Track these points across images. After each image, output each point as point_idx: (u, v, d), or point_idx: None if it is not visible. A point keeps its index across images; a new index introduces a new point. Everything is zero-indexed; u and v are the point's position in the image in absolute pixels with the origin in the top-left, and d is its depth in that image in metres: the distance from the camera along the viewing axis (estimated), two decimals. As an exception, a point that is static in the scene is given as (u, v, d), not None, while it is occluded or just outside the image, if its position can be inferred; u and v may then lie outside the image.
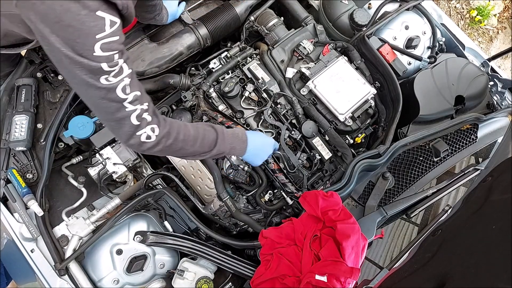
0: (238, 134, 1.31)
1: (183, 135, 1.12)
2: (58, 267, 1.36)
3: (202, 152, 1.20)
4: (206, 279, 1.40)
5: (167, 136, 1.08)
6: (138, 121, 1.00)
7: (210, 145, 1.21)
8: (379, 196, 1.57)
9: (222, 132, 1.24)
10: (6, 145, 1.48)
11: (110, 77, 0.90)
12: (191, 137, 1.14)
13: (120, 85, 0.93)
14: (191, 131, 1.15)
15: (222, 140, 1.23)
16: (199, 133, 1.17)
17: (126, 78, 0.94)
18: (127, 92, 0.95)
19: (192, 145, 1.15)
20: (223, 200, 1.47)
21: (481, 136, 1.71)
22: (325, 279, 1.16)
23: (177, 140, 1.11)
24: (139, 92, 0.99)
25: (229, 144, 1.26)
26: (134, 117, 0.98)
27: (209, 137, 1.20)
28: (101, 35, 0.85)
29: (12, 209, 1.42)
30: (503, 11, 3.79)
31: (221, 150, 1.24)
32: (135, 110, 0.98)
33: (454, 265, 0.73)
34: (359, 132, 1.67)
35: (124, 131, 1.01)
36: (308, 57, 1.70)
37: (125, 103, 0.96)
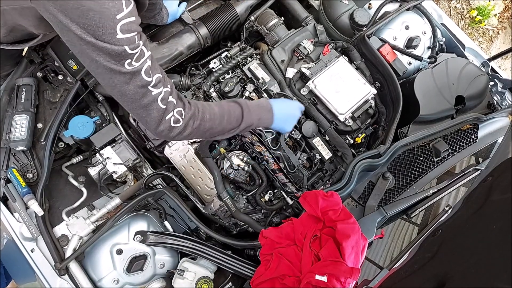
0: (263, 103, 1.30)
1: (208, 114, 1.12)
2: (58, 266, 1.36)
3: (231, 128, 1.20)
4: (206, 279, 1.40)
5: (194, 118, 1.08)
6: (164, 105, 1.01)
7: (238, 119, 1.20)
8: (379, 196, 1.57)
9: (246, 105, 1.23)
10: (6, 144, 1.48)
11: (133, 62, 0.92)
12: (217, 115, 1.14)
13: (143, 68, 0.95)
14: (216, 109, 1.15)
15: (248, 113, 1.22)
16: (224, 110, 1.17)
17: (148, 60, 0.96)
18: (151, 74, 0.96)
19: (219, 123, 1.15)
20: (223, 200, 1.47)
21: (482, 136, 1.71)
22: (325, 279, 1.16)
23: (204, 120, 1.11)
24: (161, 74, 1.00)
25: (256, 115, 1.25)
26: (159, 100, 0.99)
27: (235, 111, 1.19)
28: (121, 15, 0.86)
29: (12, 209, 1.42)
30: (503, 11, 3.79)
31: (249, 122, 1.23)
32: (160, 93, 0.99)
33: (454, 265, 0.73)
34: (359, 132, 1.67)
35: (153, 117, 1.01)
36: (308, 57, 1.70)
37: (149, 86, 0.97)
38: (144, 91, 0.97)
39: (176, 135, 1.07)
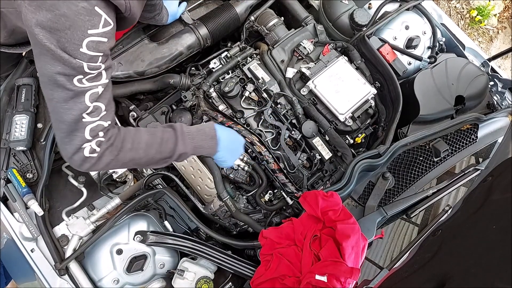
0: (205, 130, 1.17)
1: (131, 144, 1.01)
2: (58, 266, 1.36)
3: (160, 158, 1.08)
4: (206, 279, 1.40)
5: (111, 148, 0.98)
6: (91, 136, 0.93)
7: (170, 149, 1.08)
8: (379, 196, 1.57)
9: (182, 132, 1.11)
10: (6, 145, 1.48)
11: (84, 80, 0.87)
12: (142, 145, 1.03)
13: (91, 91, 0.89)
14: (144, 138, 1.04)
15: (182, 141, 1.10)
16: (156, 138, 1.06)
17: (100, 87, 0.90)
18: (96, 99, 0.90)
19: (145, 153, 1.04)
20: (223, 200, 1.47)
21: (481, 136, 1.71)
22: (325, 279, 1.16)
23: (124, 150, 1.00)
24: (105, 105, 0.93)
25: (193, 143, 1.13)
26: (88, 130, 0.92)
27: (168, 141, 1.08)
28: (93, 32, 0.83)
29: (12, 209, 1.42)
30: (503, 11, 3.79)
31: (182, 151, 1.10)
32: (92, 123, 0.92)
33: (454, 265, 0.73)
34: (359, 132, 1.67)
35: (73, 145, 0.93)
36: (308, 57, 1.70)
37: (85, 113, 0.90)
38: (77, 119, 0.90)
39: (89, 167, 0.96)
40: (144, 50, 1.61)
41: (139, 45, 1.62)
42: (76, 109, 0.89)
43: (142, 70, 1.61)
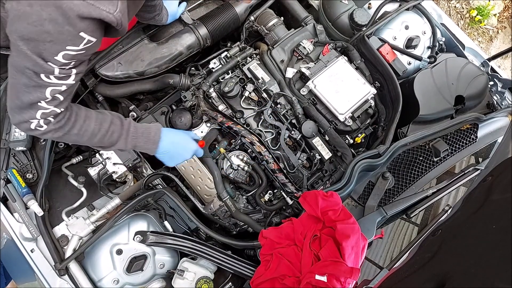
0: (150, 133, 1.22)
1: (77, 130, 1.07)
2: (58, 267, 1.36)
3: (99, 146, 1.17)
4: (206, 279, 1.40)
5: (57, 130, 1.04)
6: (40, 118, 0.98)
7: (111, 142, 1.16)
8: (379, 196, 1.57)
9: (127, 131, 1.17)
10: (6, 145, 1.48)
11: (52, 76, 0.90)
12: (87, 133, 1.09)
13: (54, 87, 0.93)
14: (91, 126, 1.10)
15: (125, 139, 1.17)
16: (101, 129, 1.12)
17: (65, 86, 0.94)
18: (55, 95, 0.94)
19: (88, 139, 1.11)
20: (223, 200, 1.47)
21: (481, 136, 1.71)
22: (325, 279, 1.16)
23: (69, 134, 1.07)
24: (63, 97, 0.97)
25: (134, 142, 1.20)
26: (40, 113, 0.97)
27: (112, 134, 1.14)
28: (71, 48, 0.86)
29: (12, 209, 1.42)
30: (503, 11, 3.79)
31: (121, 147, 1.19)
32: (47, 109, 0.97)
33: (454, 265, 0.73)
34: (359, 132, 1.67)
35: (21, 117, 0.98)
36: (308, 57, 1.70)
37: (42, 101, 0.94)
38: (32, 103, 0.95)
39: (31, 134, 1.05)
40: (144, 50, 1.61)
41: (139, 45, 1.62)
42: (34, 96, 0.93)
43: (142, 70, 1.61)
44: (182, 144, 1.31)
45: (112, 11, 0.85)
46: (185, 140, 1.33)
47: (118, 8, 0.86)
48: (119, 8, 0.87)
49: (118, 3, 0.87)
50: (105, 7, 0.84)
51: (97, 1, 0.82)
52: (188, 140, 1.34)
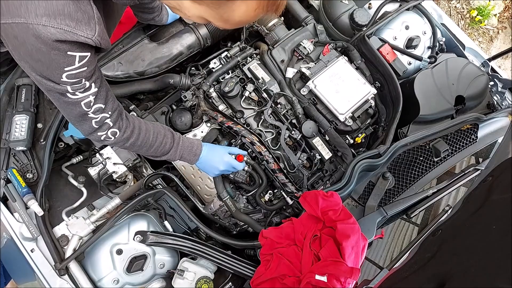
0: (193, 147, 1.34)
1: (140, 141, 1.18)
2: (58, 267, 1.36)
3: (154, 156, 1.28)
4: (206, 279, 1.40)
5: (125, 140, 1.15)
6: (97, 125, 1.06)
7: (163, 152, 1.27)
8: (379, 196, 1.57)
9: (177, 143, 1.30)
10: (6, 145, 1.48)
11: (76, 93, 0.95)
12: (147, 144, 1.21)
13: (84, 101, 0.98)
14: (150, 138, 1.21)
15: (174, 151, 1.29)
16: (157, 141, 1.23)
17: (91, 95, 0.98)
18: (91, 105, 1.00)
19: (146, 150, 1.23)
20: (223, 200, 1.47)
21: (481, 136, 1.71)
22: (325, 279, 1.16)
23: (134, 145, 1.18)
24: (103, 105, 1.03)
25: (180, 154, 1.32)
26: (93, 122, 1.05)
27: (165, 146, 1.26)
28: (70, 68, 0.88)
29: (12, 209, 1.42)
30: (503, 11, 3.79)
31: (172, 158, 1.31)
32: (96, 118, 1.04)
33: (454, 265, 0.73)
34: (359, 132, 1.67)
35: (84, 128, 1.07)
36: (308, 57, 1.70)
37: (88, 113, 1.02)
38: (81, 114, 1.02)
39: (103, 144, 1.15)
40: (144, 50, 1.61)
41: (139, 45, 1.62)
42: (77, 110, 1.00)
43: (142, 70, 1.61)
44: (217, 157, 1.40)
45: (91, 36, 0.85)
46: (220, 154, 1.41)
47: (97, 32, 0.86)
48: (97, 31, 0.86)
49: (96, 27, 0.86)
50: (82, 32, 0.83)
51: (74, 27, 0.82)
52: (222, 154, 1.42)
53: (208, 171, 1.42)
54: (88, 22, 0.84)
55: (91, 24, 0.85)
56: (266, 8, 0.84)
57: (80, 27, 0.83)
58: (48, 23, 0.78)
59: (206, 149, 1.38)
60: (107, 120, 1.07)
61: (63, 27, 0.80)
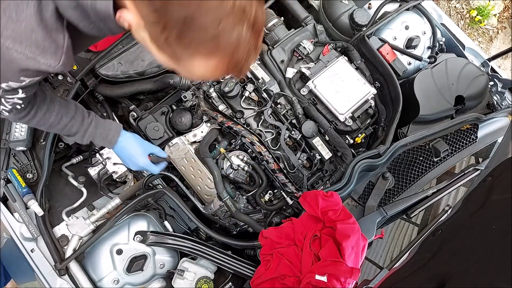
0: (108, 135, 1.26)
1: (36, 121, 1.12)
2: (58, 267, 1.36)
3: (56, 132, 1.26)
4: (206, 279, 1.40)
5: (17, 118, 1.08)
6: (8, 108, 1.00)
7: (69, 134, 1.21)
8: (379, 196, 1.57)
9: (86, 129, 1.22)
10: (6, 145, 1.47)
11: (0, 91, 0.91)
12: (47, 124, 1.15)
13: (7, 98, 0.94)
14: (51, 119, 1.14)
15: (81, 136, 1.22)
16: (61, 122, 1.16)
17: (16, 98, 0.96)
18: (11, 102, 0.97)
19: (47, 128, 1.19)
20: (223, 200, 1.47)
21: (481, 136, 1.71)
22: (325, 279, 1.16)
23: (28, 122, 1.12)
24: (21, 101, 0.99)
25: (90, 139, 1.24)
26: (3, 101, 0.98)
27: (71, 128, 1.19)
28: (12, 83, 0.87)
29: (12, 209, 1.42)
30: (503, 11, 3.79)
31: (78, 141, 1.24)
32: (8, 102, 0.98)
33: (454, 265, 0.73)
34: (359, 132, 1.67)
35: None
36: (308, 57, 1.70)
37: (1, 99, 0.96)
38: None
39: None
40: (144, 50, 1.61)
41: (139, 44, 1.62)
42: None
43: (142, 70, 1.61)
44: (132, 154, 1.32)
45: (54, 65, 0.84)
46: (135, 152, 1.32)
47: (61, 62, 0.85)
48: (62, 61, 0.85)
49: (61, 57, 0.85)
50: (45, 60, 0.83)
51: (39, 54, 0.81)
52: (139, 154, 1.33)
53: (124, 162, 1.36)
54: (55, 52, 0.83)
55: (57, 54, 0.84)
56: (227, 69, 0.83)
57: (45, 55, 0.82)
58: (12, 46, 0.78)
59: (126, 140, 1.29)
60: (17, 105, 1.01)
61: (26, 53, 0.79)
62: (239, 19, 0.75)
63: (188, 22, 0.73)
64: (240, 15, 0.75)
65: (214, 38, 0.75)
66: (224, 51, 0.78)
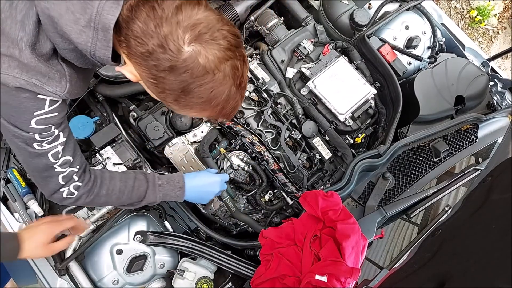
0: (175, 181, 1.27)
1: (106, 190, 1.12)
2: (58, 267, 1.36)
3: (129, 203, 1.19)
4: (206, 279, 1.40)
5: (88, 193, 1.08)
6: (64, 182, 1.01)
7: (139, 196, 1.19)
8: (379, 196, 1.57)
9: (153, 183, 1.22)
10: (6, 145, 1.48)
11: (43, 143, 0.92)
12: (115, 191, 1.14)
13: (52, 151, 0.94)
14: (117, 185, 1.14)
15: (152, 191, 1.21)
16: (127, 186, 1.16)
17: (59, 145, 0.95)
18: (59, 157, 0.97)
19: (117, 198, 1.15)
20: (223, 200, 1.47)
21: (481, 136, 1.71)
22: (325, 279, 1.16)
23: (99, 196, 1.11)
24: (71, 157, 1.00)
25: (162, 193, 1.24)
26: (60, 177, 1.00)
27: (139, 188, 1.18)
28: (39, 112, 0.87)
29: (12, 209, 1.42)
30: (503, 11, 3.79)
31: (151, 200, 1.22)
32: (64, 172, 1.00)
33: (454, 265, 0.73)
34: (359, 132, 1.67)
35: (49, 187, 1.02)
36: (308, 57, 1.70)
37: (55, 165, 0.97)
38: (47, 167, 0.97)
39: (67, 204, 1.08)
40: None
41: (139, 45, 1.62)
42: (43, 163, 0.96)
43: (142, 70, 1.61)
44: (207, 182, 1.35)
45: (59, 93, 0.86)
46: (207, 178, 1.35)
47: (66, 89, 0.87)
48: (67, 89, 0.87)
49: (66, 85, 0.87)
50: (52, 88, 0.85)
51: (45, 83, 0.83)
52: (210, 176, 1.36)
53: (203, 199, 1.37)
54: (60, 80, 0.86)
55: (62, 82, 0.86)
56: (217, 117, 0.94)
57: (51, 84, 0.84)
58: (20, 76, 0.80)
59: (190, 179, 1.30)
60: (74, 175, 1.03)
61: (34, 81, 0.81)
62: (229, 84, 0.86)
63: (184, 92, 0.83)
64: (230, 81, 0.85)
65: (207, 101, 0.86)
66: (215, 107, 0.89)
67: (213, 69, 0.81)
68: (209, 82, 0.82)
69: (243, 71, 0.88)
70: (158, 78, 0.81)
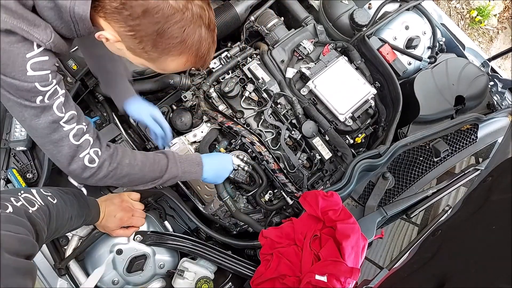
0: (193, 157, 1.31)
1: (128, 160, 1.11)
2: (58, 266, 1.36)
3: (153, 177, 1.19)
4: (206, 279, 1.40)
5: (111, 159, 1.06)
6: (77, 141, 0.99)
7: (162, 170, 1.19)
8: (379, 196, 1.57)
9: (173, 157, 1.24)
10: (6, 145, 1.48)
11: (45, 99, 0.91)
12: (138, 162, 1.13)
13: (55, 104, 0.94)
14: (139, 156, 1.15)
15: (174, 164, 1.22)
16: (149, 159, 1.16)
17: (61, 96, 0.95)
18: (63, 110, 0.95)
19: (140, 170, 1.14)
20: (223, 200, 1.47)
21: (481, 136, 1.71)
22: (325, 279, 1.16)
23: (122, 164, 1.09)
24: (75, 112, 0.99)
25: (182, 168, 1.25)
26: (71, 136, 0.98)
27: (160, 162, 1.19)
28: (31, 55, 0.87)
29: (12, 209, 1.42)
30: (503, 11, 3.79)
31: (173, 174, 1.23)
32: (72, 129, 0.98)
33: (454, 265, 0.73)
34: (359, 132, 1.67)
35: (64, 153, 0.98)
36: (308, 57, 1.70)
37: (61, 122, 0.95)
38: (55, 126, 0.95)
39: (89, 176, 1.04)
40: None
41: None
42: (50, 122, 0.94)
43: (142, 70, 1.61)
44: (220, 162, 1.42)
45: (45, 41, 0.87)
46: (221, 156, 1.44)
47: (52, 39, 0.89)
48: (53, 39, 0.89)
49: (52, 34, 0.88)
50: (38, 35, 0.86)
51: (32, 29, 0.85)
52: (222, 155, 1.44)
53: (219, 177, 1.40)
54: (45, 29, 0.88)
55: (47, 31, 0.88)
56: (194, 62, 1.02)
57: (37, 31, 0.86)
58: (8, 20, 0.81)
59: (204, 157, 1.34)
60: (86, 135, 1.00)
61: (22, 26, 0.83)
62: (198, 24, 0.94)
63: (160, 34, 0.90)
64: (199, 20, 0.93)
65: (182, 42, 0.94)
66: (190, 49, 0.97)
67: (182, 8, 0.89)
68: (180, 21, 0.90)
69: (210, 13, 0.96)
70: (134, 26, 0.88)
